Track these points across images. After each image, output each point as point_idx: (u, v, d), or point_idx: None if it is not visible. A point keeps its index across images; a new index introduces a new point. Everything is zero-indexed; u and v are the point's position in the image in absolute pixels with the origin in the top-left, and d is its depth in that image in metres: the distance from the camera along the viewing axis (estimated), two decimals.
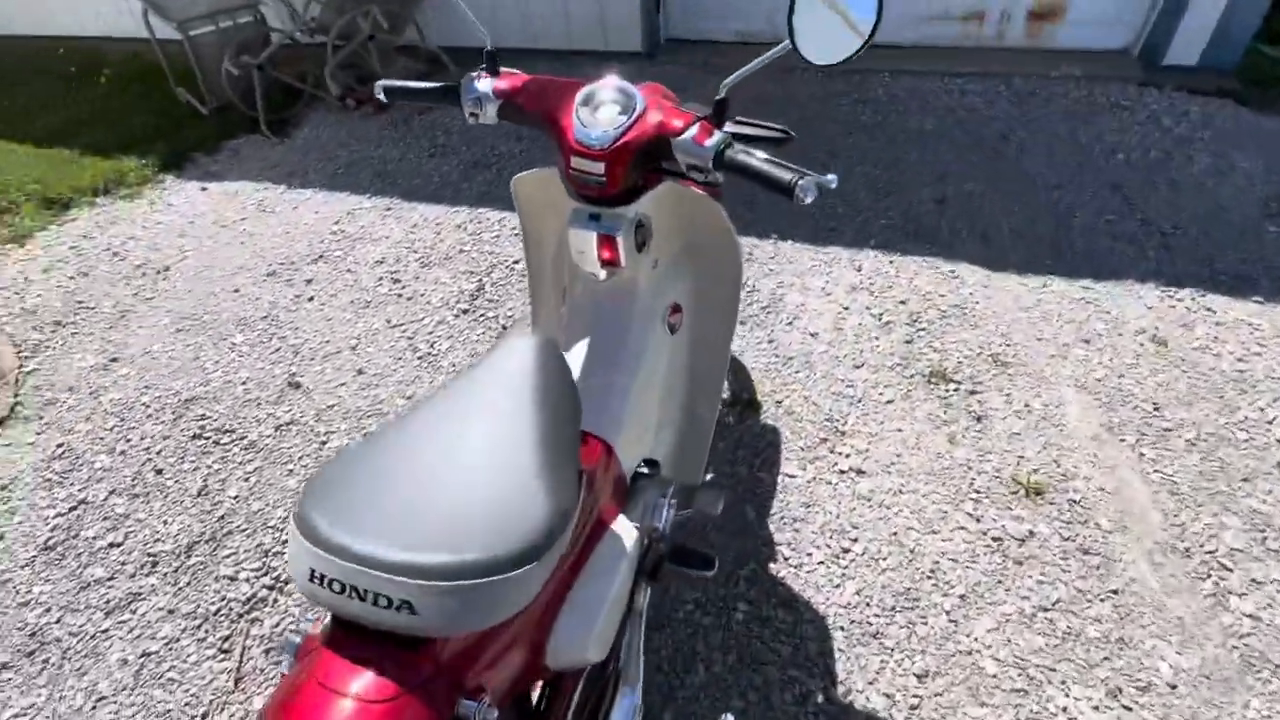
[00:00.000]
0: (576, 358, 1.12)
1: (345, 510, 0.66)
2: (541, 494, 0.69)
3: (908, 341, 1.99)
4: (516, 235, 2.60)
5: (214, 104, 3.63)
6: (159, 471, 1.81)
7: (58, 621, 1.49)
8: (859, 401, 1.83)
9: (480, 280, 2.38)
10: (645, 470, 1.29)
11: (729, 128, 0.98)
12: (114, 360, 2.18)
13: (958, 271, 2.23)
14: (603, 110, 0.99)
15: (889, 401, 1.82)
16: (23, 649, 1.45)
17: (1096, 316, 2.02)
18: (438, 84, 1.12)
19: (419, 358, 2.10)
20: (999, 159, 2.74)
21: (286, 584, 1.53)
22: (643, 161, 0.98)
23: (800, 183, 0.82)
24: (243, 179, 3.14)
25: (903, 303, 2.13)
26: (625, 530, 1.01)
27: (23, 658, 1.43)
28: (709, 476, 1.63)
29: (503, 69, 1.10)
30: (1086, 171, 2.61)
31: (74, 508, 1.73)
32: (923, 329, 2.03)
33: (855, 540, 1.52)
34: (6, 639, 1.47)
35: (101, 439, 1.91)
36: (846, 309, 2.12)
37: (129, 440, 1.90)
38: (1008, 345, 1.95)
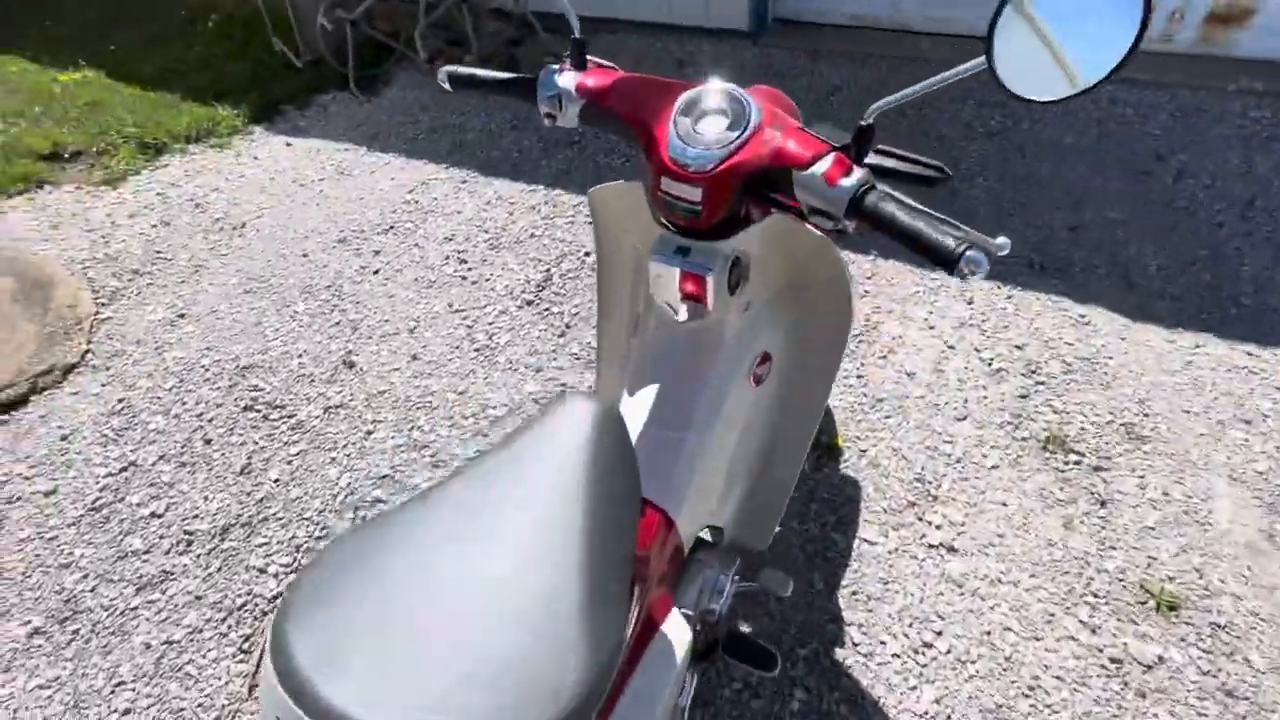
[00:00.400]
0: (641, 406, 0.96)
1: (332, 642, 0.52)
2: (583, 646, 0.54)
3: (1022, 396, 1.72)
4: (591, 222, 2.43)
5: (308, 57, 3.61)
6: (208, 441, 1.77)
7: (92, 591, 1.47)
8: (957, 462, 1.59)
9: (548, 270, 2.24)
10: (707, 537, 1.12)
11: (870, 159, 0.77)
12: (181, 316, 2.17)
13: (1090, 317, 1.92)
14: (707, 122, 0.80)
15: (994, 467, 1.58)
16: (57, 615, 1.43)
17: (1262, 392, 1.69)
18: (511, 75, 0.95)
19: (476, 349, 1.99)
20: (1151, 184, 2.36)
21: None
22: (750, 190, 0.79)
23: (968, 253, 0.61)
24: (326, 137, 3.09)
25: (1019, 348, 1.85)
26: (678, 632, 0.84)
27: (55, 624, 1.42)
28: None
29: (591, 60, 0.92)
30: (1261, 210, 2.21)
31: (124, 469, 1.72)
32: (1042, 383, 1.75)
33: (940, 634, 1.31)
34: (44, 601, 1.46)
35: (159, 399, 1.90)
36: (951, 348, 1.86)
37: (184, 404, 1.88)
38: (1146, 415, 1.66)
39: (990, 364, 1.81)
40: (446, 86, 0.98)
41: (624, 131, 0.86)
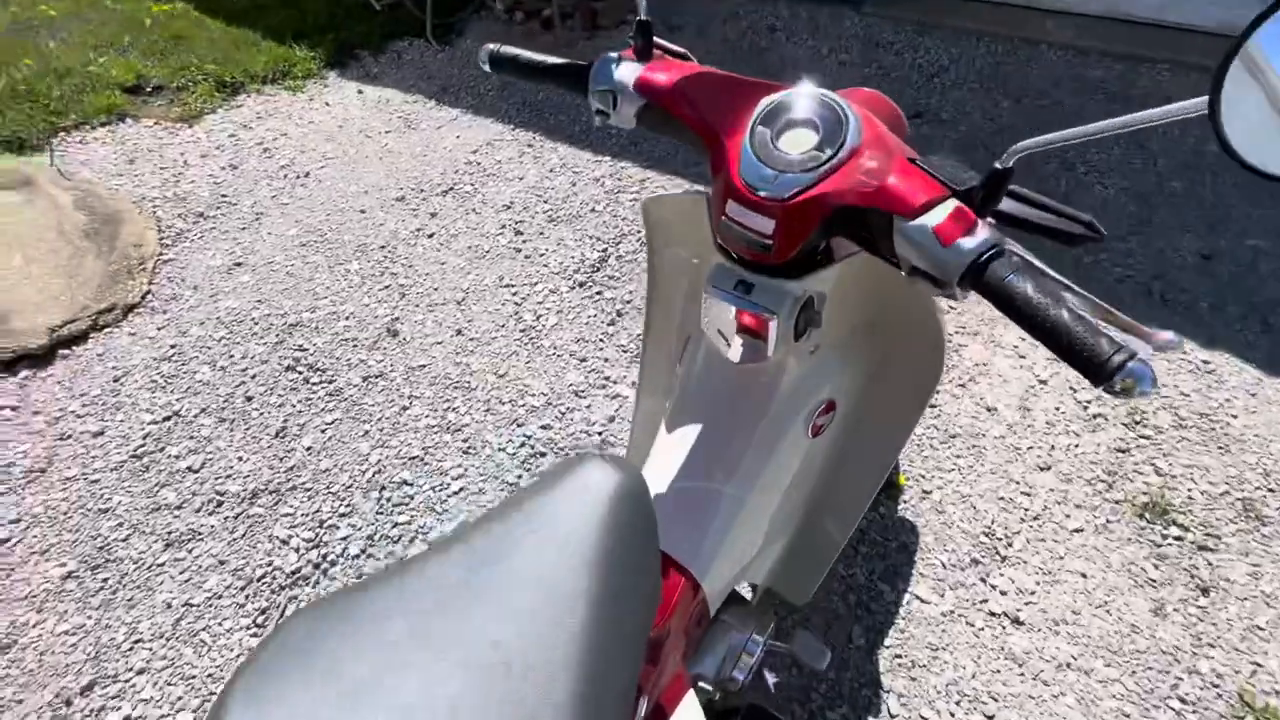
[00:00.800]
0: (678, 448, 0.84)
1: None
2: None
3: (1121, 450, 1.51)
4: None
5: (386, 0, 3.53)
6: (249, 399, 1.76)
7: (125, 541, 1.49)
8: (1035, 519, 1.41)
9: (605, 250, 2.12)
10: (740, 592, 1.00)
11: (1005, 207, 0.59)
12: (239, 265, 2.17)
13: (1214, 365, 1.67)
14: (792, 137, 0.65)
15: (1077, 530, 1.39)
16: (90, 561, 1.46)
17: None
18: (560, 61, 0.82)
19: (522, 330, 1.90)
20: None
21: (333, 565, 1.42)
22: (835, 229, 0.64)
23: (1129, 365, 0.45)
24: (397, 86, 3.02)
25: None
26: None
27: (88, 570, 1.44)
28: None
29: (659, 47, 0.78)
30: None
31: (168, 418, 1.73)
32: (1146, 437, 1.53)
33: (991, 719, 1.16)
34: (81, 545, 1.48)
35: (208, 349, 1.90)
36: (1043, 383, 1.66)
37: (231, 357, 1.88)
38: (1271, 491, 1.43)
39: (1086, 407, 1.60)
40: (486, 67, 0.85)
41: (689, 140, 0.72)
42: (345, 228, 2.29)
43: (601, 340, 1.86)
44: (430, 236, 2.23)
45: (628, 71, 0.75)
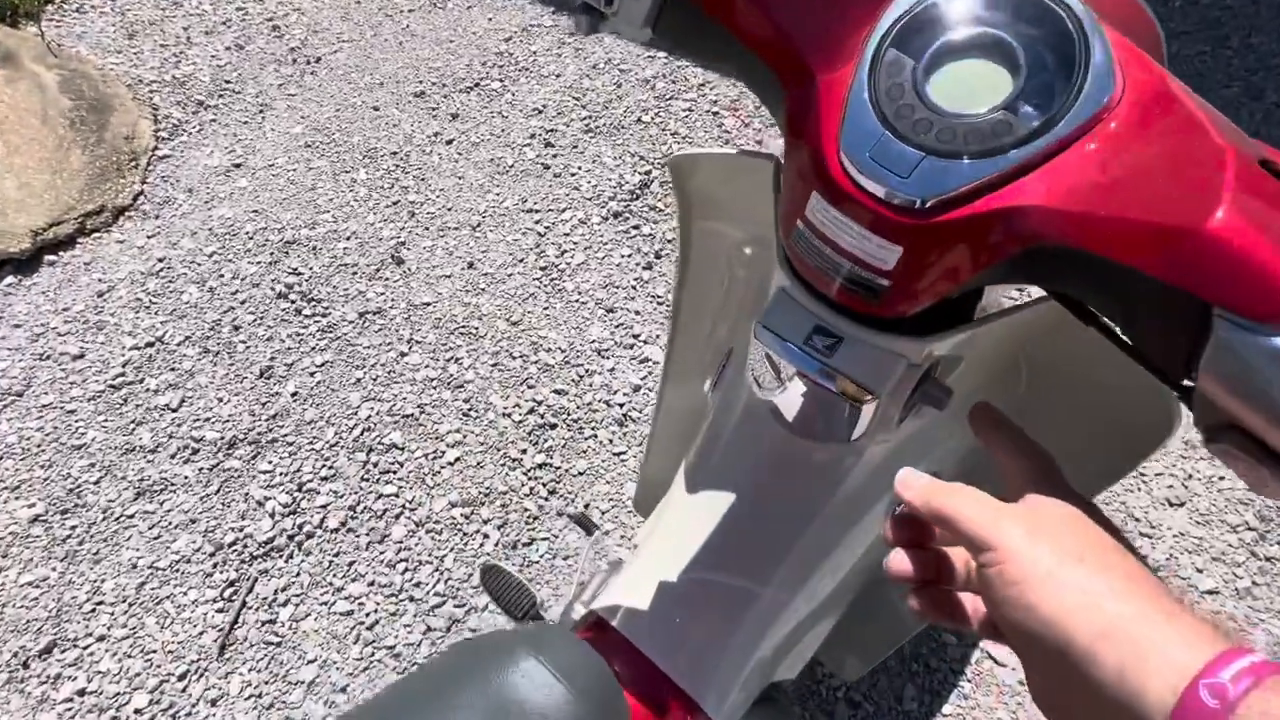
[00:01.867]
0: (699, 522, 0.58)
1: None
2: None
3: None
4: (714, 114, 1.90)
5: None
6: (236, 328, 1.57)
7: (96, 484, 1.36)
8: (1156, 570, 1.12)
9: (649, 172, 1.78)
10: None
11: None
12: (237, 166, 1.93)
13: None
14: (956, 76, 0.32)
15: (1210, 591, 1.10)
16: (59, 504, 1.34)
17: None
18: None
19: (542, 267, 1.62)
20: None
21: (309, 537, 1.26)
22: (1028, 272, 0.33)
23: None
24: None
25: None
26: None
27: (57, 514, 1.33)
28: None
29: None
30: None
31: (150, 344, 1.56)
32: None
33: None
34: (51, 485, 1.37)
35: (198, 266, 1.70)
36: None
37: (221, 277, 1.67)
38: None
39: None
40: None
41: (744, 69, 0.40)
42: (355, 127, 1.99)
43: (634, 287, 1.57)
44: (449, 143, 1.93)
45: None
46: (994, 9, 0.32)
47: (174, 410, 1.45)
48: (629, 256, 1.63)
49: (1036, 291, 0.39)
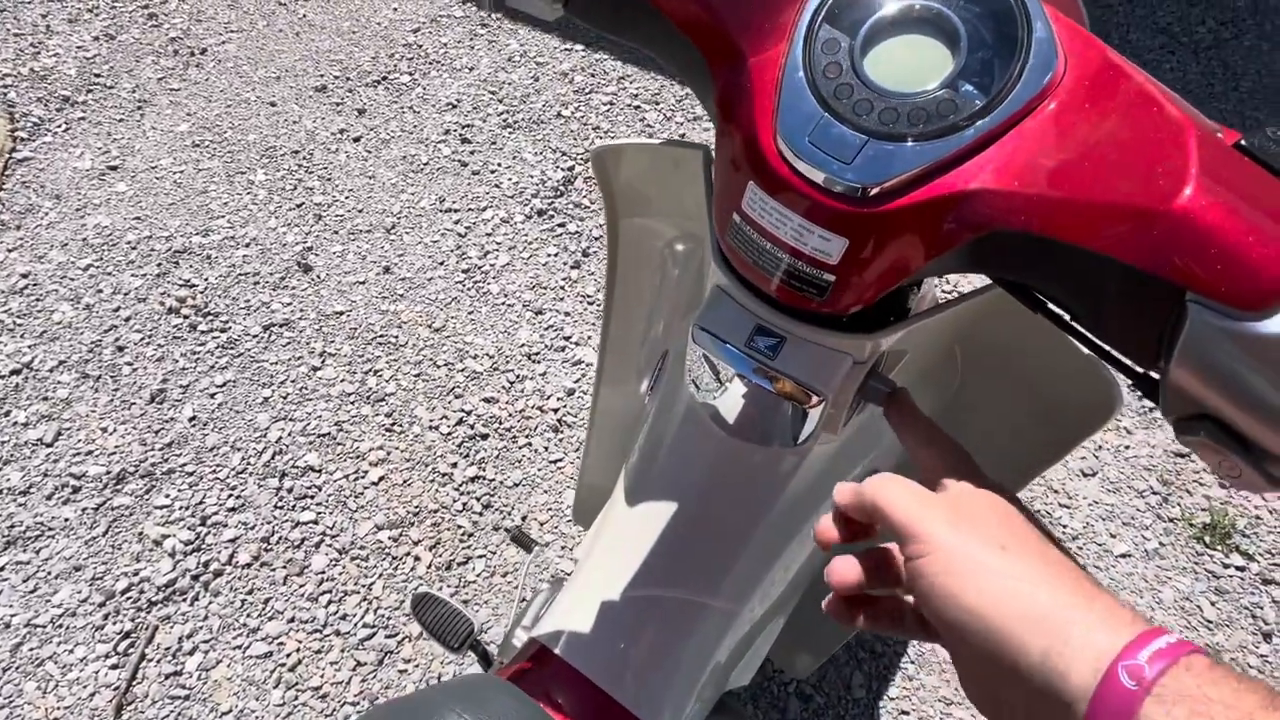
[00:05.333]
0: (639, 534, 0.55)
1: None
2: None
3: (1181, 454, 1.26)
4: (636, 108, 1.87)
5: None
6: (120, 349, 1.42)
7: None
8: (1074, 539, 1.18)
9: (572, 168, 1.73)
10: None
11: None
12: (113, 169, 1.74)
13: None
14: (895, 51, 0.30)
15: (1123, 555, 1.16)
16: None
17: None
18: None
19: (465, 270, 1.55)
20: None
21: (217, 576, 1.15)
22: (981, 262, 0.31)
23: None
24: None
25: None
26: None
27: None
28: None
29: None
30: None
31: (16, 370, 1.38)
32: None
33: None
34: None
35: (71, 281, 1.52)
36: None
37: (100, 292, 1.50)
38: None
39: (1141, 398, 1.33)
40: None
41: (667, 48, 0.37)
42: (250, 125, 1.84)
43: (562, 287, 1.52)
44: (356, 140, 1.81)
45: None
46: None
47: (48, 445, 1.29)
48: (555, 255, 1.57)
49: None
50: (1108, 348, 0.30)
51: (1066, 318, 0.33)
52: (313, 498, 1.23)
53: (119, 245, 1.59)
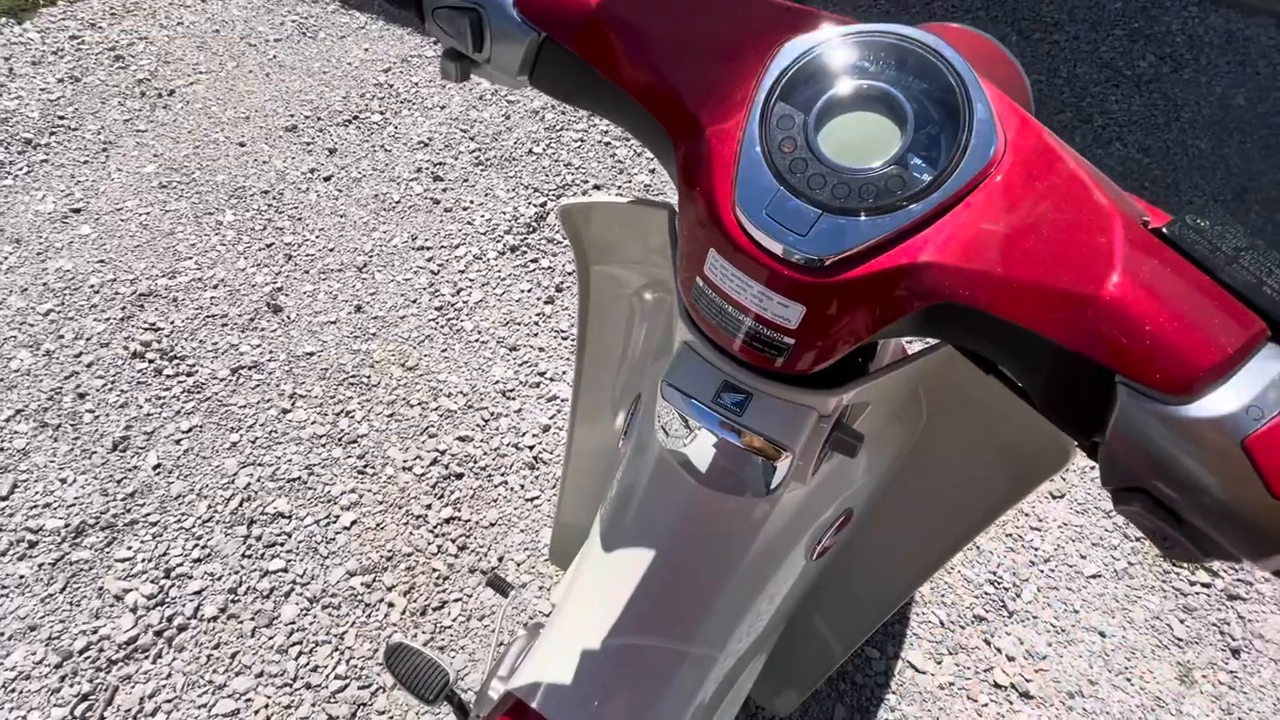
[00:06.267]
0: (615, 581, 0.55)
1: None
2: None
3: None
4: (606, 144, 1.90)
5: None
6: (81, 396, 1.38)
7: None
8: (1046, 561, 1.20)
9: (544, 204, 1.75)
10: None
11: None
12: (76, 211, 1.71)
13: None
14: (846, 128, 0.32)
15: (1094, 576, 1.18)
16: None
17: None
18: None
19: (438, 307, 1.54)
20: None
21: (181, 631, 1.11)
22: (931, 327, 0.32)
23: None
24: None
25: None
26: None
27: None
28: None
29: None
30: None
31: None
32: None
33: None
34: None
35: (30, 327, 1.49)
36: None
37: (61, 337, 1.47)
38: None
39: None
40: None
41: (630, 119, 0.38)
42: (220, 165, 1.83)
43: (536, 323, 1.53)
44: (327, 180, 1.81)
45: None
46: (877, 62, 0.32)
47: (3, 499, 1.24)
48: (529, 291, 1.58)
49: None
50: (1052, 416, 0.31)
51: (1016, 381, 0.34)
52: (282, 545, 1.20)
53: (81, 289, 1.56)
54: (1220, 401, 0.23)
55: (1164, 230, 0.27)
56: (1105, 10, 2.26)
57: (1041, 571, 1.18)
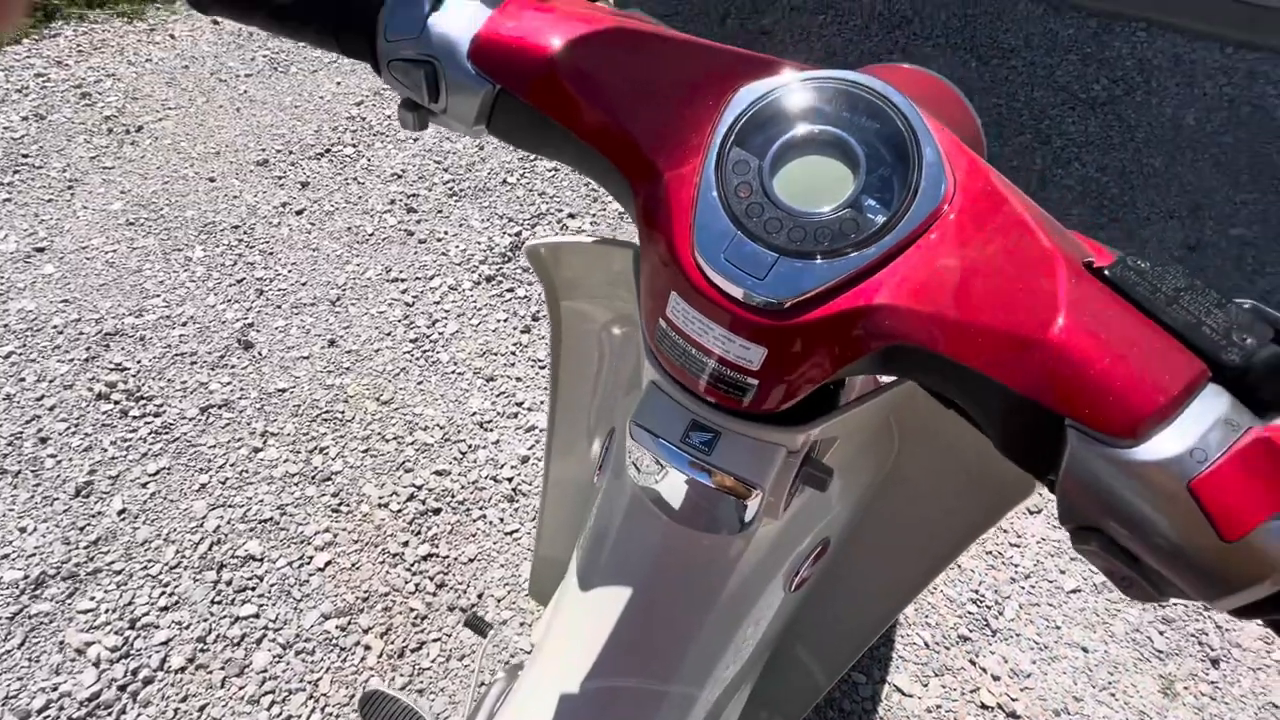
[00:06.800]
0: (593, 622, 0.54)
1: None
2: None
3: None
4: (580, 174, 1.91)
5: None
6: (43, 440, 1.34)
7: None
8: (1026, 578, 1.20)
9: (520, 234, 1.75)
10: None
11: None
12: (40, 250, 1.68)
13: None
14: (800, 173, 0.32)
15: (1074, 590, 1.19)
16: None
17: None
18: None
19: (412, 340, 1.53)
20: None
21: (146, 684, 1.07)
22: (890, 365, 0.33)
23: None
24: None
25: None
26: None
27: None
28: None
29: None
30: None
31: None
32: None
33: None
34: None
35: None
36: None
37: (22, 381, 1.43)
38: None
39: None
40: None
41: (590, 166, 0.39)
42: (189, 201, 1.81)
43: (513, 353, 1.52)
44: (299, 214, 1.80)
45: (463, 15, 0.39)
46: (829, 106, 0.33)
47: None
48: (505, 320, 1.57)
49: None
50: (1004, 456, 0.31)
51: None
52: (254, 589, 1.16)
53: (44, 330, 1.52)
54: (1166, 444, 0.24)
55: (1105, 272, 0.28)
56: (1059, 37, 2.34)
57: (1022, 588, 1.19)
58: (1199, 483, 0.23)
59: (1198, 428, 0.24)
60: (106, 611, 1.13)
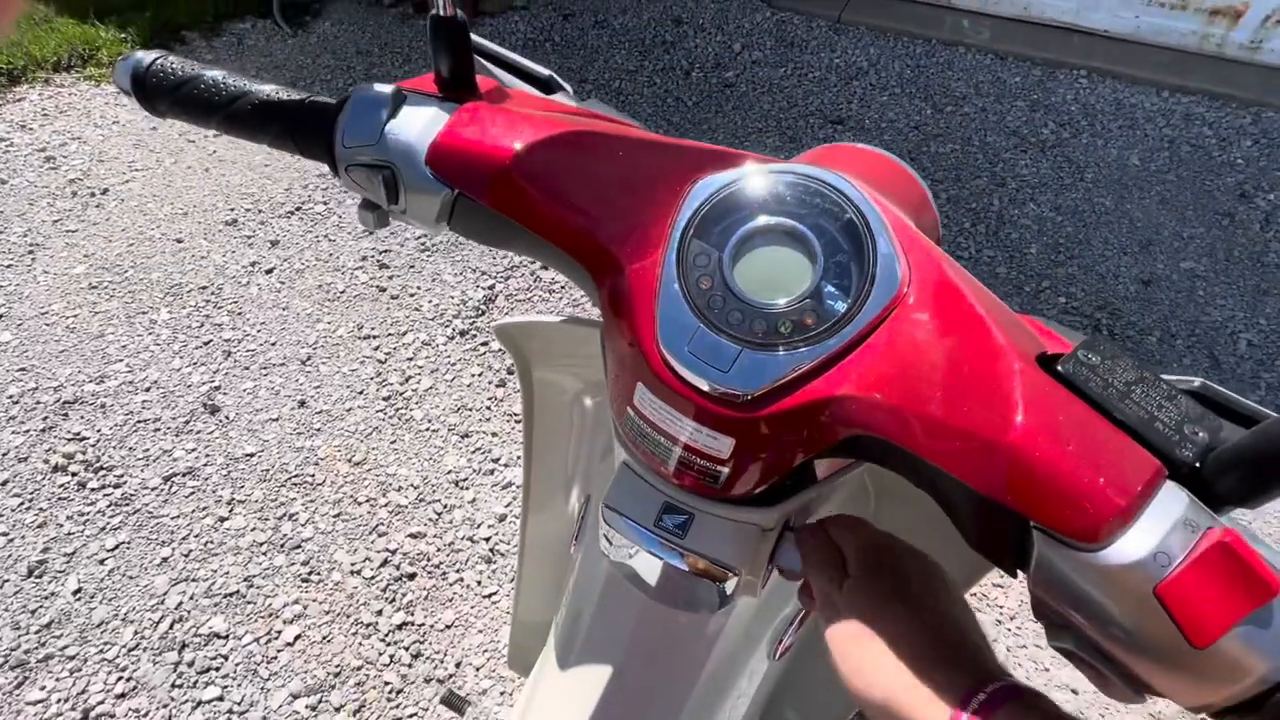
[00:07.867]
0: (574, 705, 0.52)
1: None
2: None
3: None
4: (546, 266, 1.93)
5: None
6: None
7: None
8: (1012, 619, 1.19)
9: (492, 287, 1.75)
10: None
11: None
12: None
13: None
14: (760, 263, 0.33)
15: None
16: None
17: None
18: (270, 95, 0.43)
19: (385, 398, 1.51)
20: (1236, 229, 1.95)
21: None
22: (858, 452, 0.33)
23: None
24: None
25: None
26: None
27: None
28: None
29: (490, 55, 0.45)
30: None
31: None
32: None
33: None
34: None
35: None
36: None
37: None
38: None
39: None
40: (125, 88, 0.43)
41: (554, 260, 0.39)
42: (155, 263, 1.79)
43: (488, 408, 1.50)
44: (269, 273, 1.78)
45: (419, 121, 0.40)
46: (784, 199, 0.33)
47: None
48: (480, 375, 1.56)
49: None
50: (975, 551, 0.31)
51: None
52: (218, 669, 1.11)
53: None
54: (1130, 547, 0.24)
55: (1059, 369, 0.28)
56: (1006, 84, 2.46)
57: (1009, 630, 1.18)
58: (1164, 588, 0.23)
59: (1160, 527, 0.24)
60: (58, 702, 1.06)
